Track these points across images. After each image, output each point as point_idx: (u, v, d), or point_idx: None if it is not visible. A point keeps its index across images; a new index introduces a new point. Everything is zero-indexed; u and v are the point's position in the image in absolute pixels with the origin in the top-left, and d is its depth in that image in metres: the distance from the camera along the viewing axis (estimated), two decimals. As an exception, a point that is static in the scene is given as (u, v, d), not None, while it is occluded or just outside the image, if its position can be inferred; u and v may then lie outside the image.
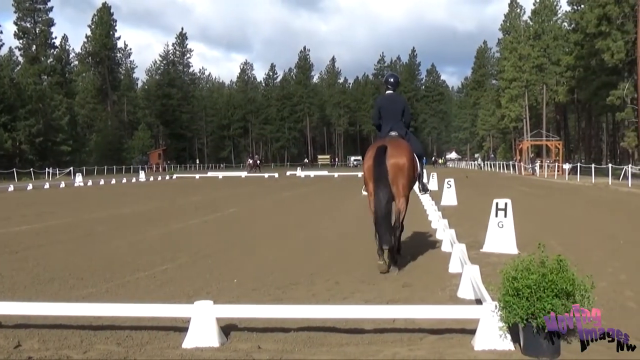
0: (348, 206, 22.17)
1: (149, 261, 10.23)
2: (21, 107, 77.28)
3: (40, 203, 26.52)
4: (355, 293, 7.65)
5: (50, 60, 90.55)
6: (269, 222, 16.61)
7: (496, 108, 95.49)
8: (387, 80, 9.88)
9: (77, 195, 33.63)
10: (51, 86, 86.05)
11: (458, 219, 16.38)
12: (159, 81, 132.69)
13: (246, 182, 49.52)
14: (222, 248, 11.79)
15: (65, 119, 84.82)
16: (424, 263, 9.80)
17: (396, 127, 9.53)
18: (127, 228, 15.66)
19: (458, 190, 23.75)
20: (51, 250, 11.74)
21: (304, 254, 10.89)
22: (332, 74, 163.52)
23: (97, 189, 41.71)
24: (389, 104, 9.72)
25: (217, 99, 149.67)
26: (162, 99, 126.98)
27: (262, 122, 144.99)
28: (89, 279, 8.78)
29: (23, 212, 21.41)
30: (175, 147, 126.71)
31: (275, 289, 7.93)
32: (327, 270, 9.23)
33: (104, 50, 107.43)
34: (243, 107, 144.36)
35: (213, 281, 8.49)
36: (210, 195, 30.71)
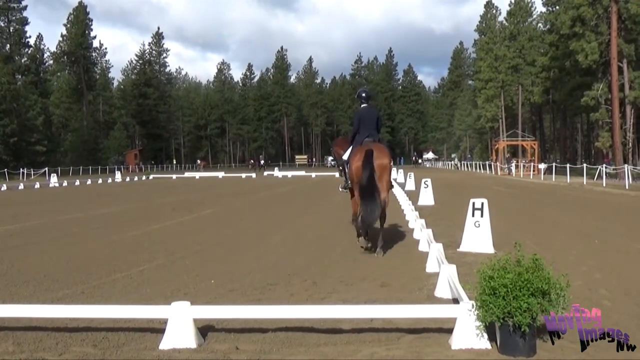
0: (326, 206, 22.18)
1: (126, 262, 10.17)
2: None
3: (14, 204, 26.24)
4: (333, 293, 7.66)
5: (25, 60, 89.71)
6: (246, 223, 16.58)
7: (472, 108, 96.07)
8: (359, 95, 11.82)
9: (52, 196, 33.30)
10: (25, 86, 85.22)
11: (435, 218, 16.46)
12: (135, 81, 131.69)
13: (223, 183, 49.37)
14: (199, 249, 11.75)
15: (40, 118, 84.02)
16: (401, 263, 9.84)
17: (372, 134, 11.34)
18: (103, 229, 15.54)
19: (435, 190, 23.87)
20: (26, 251, 11.62)
21: (282, 255, 10.88)
22: (310, 74, 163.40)
23: (72, 189, 41.34)
24: (366, 115, 11.50)
25: (194, 98, 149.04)
26: (138, 99, 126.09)
27: (239, 122, 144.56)
28: (64, 280, 8.70)
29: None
30: (151, 147, 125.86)
31: (253, 289, 7.92)
32: (305, 270, 9.24)
33: (79, 49, 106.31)
34: (220, 107, 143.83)
35: (190, 282, 8.46)
36: (187, 196, 30.58)
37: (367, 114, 11.53)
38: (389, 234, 13.39)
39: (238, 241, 12.80)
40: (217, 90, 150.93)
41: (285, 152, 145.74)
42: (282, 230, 14.74)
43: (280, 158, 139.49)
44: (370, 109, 11.74)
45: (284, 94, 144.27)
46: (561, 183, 38.12)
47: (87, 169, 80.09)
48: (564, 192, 29.73)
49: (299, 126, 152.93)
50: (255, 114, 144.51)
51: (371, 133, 11.35)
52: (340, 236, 13.02)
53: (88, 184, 49.36)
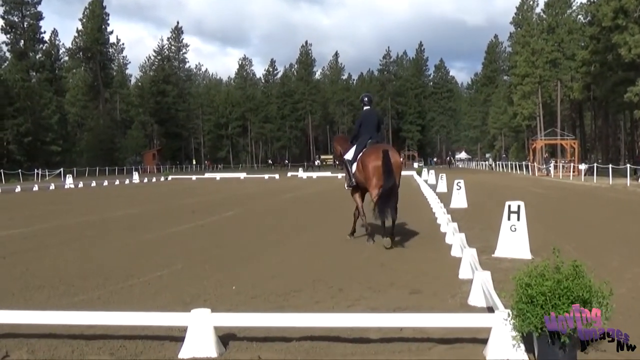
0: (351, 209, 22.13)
1: (143, 267, 10.23)
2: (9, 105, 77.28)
3: (28, 206, 26.56)
4: (360, 300, 7.64)
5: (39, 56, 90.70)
6: (268, 226, 16.60)
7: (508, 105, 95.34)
8: (362, 100, 13.67)
9: (67, 197, 33.65)
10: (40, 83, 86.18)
11: (468, 222, 16.37)
12: (153, 77, 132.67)
13: (245, 184, 49.55)
14: (219, 253, 11.78)
15: (55, 117, 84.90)
16: (432, 269, 9.79)
17: (373, 135, 13.09)
18: (120, 232, 15.66)
19: (468, 192, 23.74)
20: (40, 255, 11.75)
21: (306, 259, 10.88)
22: (335, 70, 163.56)
23: (88, 191, 41.75)
24: (368, 118, 13.33)
25: (215, 96, 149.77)
26: (156, 97, 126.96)
27: (261, 121, 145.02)
28: (80, 285, 8.78)
29: (10, 215, 21.46)
30: (170, 147, 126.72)
31: (276, 296, 7.93)
32: (330, 276, 9.23)
33: (95, 45, 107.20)
34: (242, 104, 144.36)
35: (210, 288, 8.49)
36: (207, 198, 30.74)
37: (369, 117, 13.35)
38: (419, 238, 13.36)
39: (260, 245, 12.82)
40: (239, 87, 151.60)
41: (310, 151, 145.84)
42: (306, 233, 14.74)
43: (305, 158, 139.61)
44: (372, 111, 13.58)
45: (308, 90, 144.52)
46: (603, 185, 37.70)
47: (104, 170, 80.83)
48: (606, 195, 29.40)
49: (324, 125, 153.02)
50: (279, 112, 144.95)
51: (373, 135, 13.07)
52: (365, 240, 12.98)
53: (104, 185, 49.83)
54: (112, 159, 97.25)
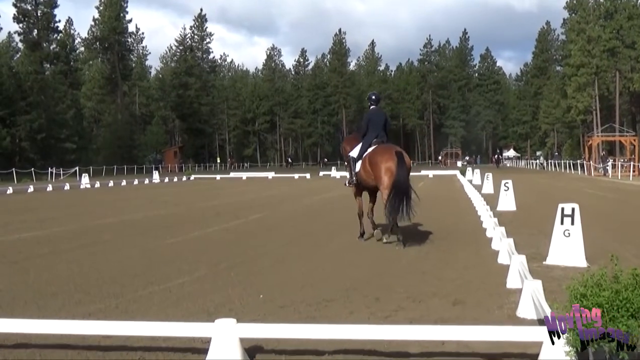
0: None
1: (164, 273, 10.32)
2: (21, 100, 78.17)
3: (42, 207, 26.89)
4: (398, 311, 7.63)
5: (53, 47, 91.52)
6: (298, 230, 16.64)
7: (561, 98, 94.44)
8: (370, 98, 14.48)
9: (83, 198, 34.03)
10: (54, 75, 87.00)
11: (517, 226, 16.25)
12: (174, 69, 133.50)
13: (273, 184, 49.69)
14: (245, 259, 11.83)
15: (70, 112, 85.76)
16: (477, 277, 9.74)
17: (381, 135, 13.97)
18: (139, 236, 15.80)
19: (517, 194, 23.57)
20: (54, 260, 11.89)
21: (339, 266, 10.89)
22: (372, 60, 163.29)
23: (105, 191, 42.18)
24: (375, 117, 14.21)
25: (241, 89, 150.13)
26: (178, 90, 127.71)
27: (291, 116, 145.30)
28: (96, 293, 8.88)
29: (23, 217, 21.72)
30: (193, 143, 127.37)
31: (307, 305, 7.94)
32: (366, 284, 9.22)
33: (113, 34, 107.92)
34: (270, 98, 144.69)
35: (236, 297, 8.53)
36: (232, 199, 30.88)
37: (376, 116, 14.24)
38: (463, 244, 13.29)
39: (290, 250, 12.85)
40: (267, 80, 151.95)
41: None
42: (340, 238, 14.74)
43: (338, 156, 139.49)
44: (379, 111, 14.56)
45: (342, 83, 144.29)
46: (666, 185, 37.19)
47: (122, 169, 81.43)
48: (670, 196, 29.00)
49: (359, 120, 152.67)
50: (310, 106, 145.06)
51: (379, 134, 13.97)
52: (405, 246, 12.95)
53: (122, 185, 50.29)
54: (130, 157, 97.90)
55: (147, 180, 57.26)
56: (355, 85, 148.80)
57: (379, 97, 14.88)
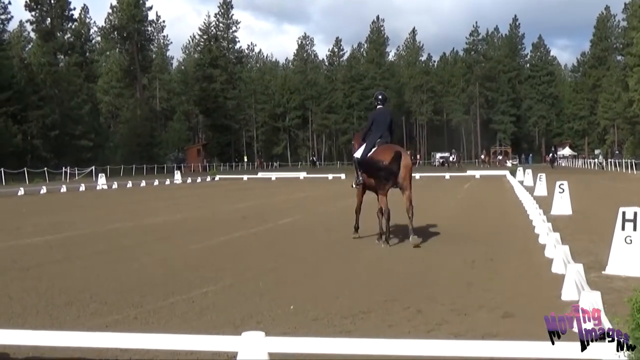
0: (433, 214, 22.03)
1: (187, 282, 10.37)
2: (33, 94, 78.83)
3: (55, 210, 27.16)
4: (442, 325, 7.60)
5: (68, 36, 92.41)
6: (332, 235, 16.62)
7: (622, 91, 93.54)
8: (376, 98, 15.51)
9: (99, 200, 34.33)
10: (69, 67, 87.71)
11: (573, 232, 16.11)
12: (198, 60, 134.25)
13: (305, 186, 49.74)
14: (275, 267, 11.86)
15: (86, 107, 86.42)
16: (529, 288, 9.67)
17: (385, 135, 14.88)
18: (161, 241, 15.91)
19: (573, 196, 23.36)
20: (69, 267, 12.01)
21: (378, 275, 10.87)
22: (413, 50, 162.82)
23: (123, 192, 42.52)
24: (380, 117, 15.15)
25: (270, 81, 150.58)
26: (202, 83, 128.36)
27: (324, 111, 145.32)
28: (114, 303, 8.95)
29: (35, 220, 21.95)
30: (218, 141, 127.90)
31: (342, 318, 7.94)
32: (406, 295, 9.20)
33: (132, 23, 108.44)
34: (301, 91, 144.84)
35: (264, 308, 8.55)
36: (260, 201, 30.96)
37: (381, 116, 15.18)
38: (513, 251, 13.21)
39: (323, 257, 12.86)
40: (298, 71, 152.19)
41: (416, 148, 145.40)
42: (378, 245, 14.71)
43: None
44: (385, 110, 15.51)
45: (380, 74, 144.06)
46: None
47: (141, 168, 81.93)
48: None
49: (399, 115, 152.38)
50: (345, 100, 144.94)
51: (383, 134, 14.87)
52: (450, 253, 12.90)
53: (142, 187, 50.67)
54: (150, 156, 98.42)
55: (168, 181, 57.67)
56: (394, 77, 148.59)
57: (386, 96, 15.92)
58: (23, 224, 20.71)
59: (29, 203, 32.14)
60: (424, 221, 19.09)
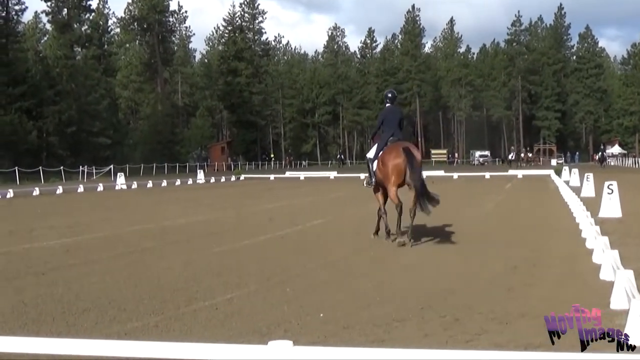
0: (471, 215, 21.95)
1: (210, 287, 10.41)
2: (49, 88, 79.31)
3: (72, 211, 27.34)
4: (481, 334, 7.57)
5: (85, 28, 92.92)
6: (364, 238, 16.60)
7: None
8: (386, 96, 16.59)
9: (118, 200, 34.53)
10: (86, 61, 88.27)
11: (622, 236, 15.98)
12: (222, 53, 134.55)
13: (336, 185, 49.74)
14: (303, 271, 11.88)
15: (104, 102, 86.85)
16: (574, 295, 9.59)
17: (395, 133, 15.76)
18: (182, 244, 15.98)
19: (623, 198, 23.15)
20: (86, 271, 12.07)
21: (412, 281, 10.85)
22: (450, 42, 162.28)
23: (143, 193, 42.77)
24: (390, 115, 16.15)
25: (298, 75, 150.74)
26: (226, 76, 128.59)
27: (356, 106, 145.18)
28: (133, 309, 9.00)
29: (51, 222, 22.13)
30: (243, 138, 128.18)
31: (374, 326, 7.93)
32: (443, 302, 9.17)
33: (152, 13, 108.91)
34: (332, 85, 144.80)
35: (292, 315, 8.57)
36: (288, 202, 30.98)
37: (391, 114, 16.18)
38: (559, 256, 13.13)
39: (355, 262, 12.86)
40: (328, 64, 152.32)
41: (418, 144, 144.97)
42: (412, 248, 14.68)
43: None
44: (395, 108, 16.63)
45: (415, 67, 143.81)
46: None
47: (162, 167, 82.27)
48: None
49: (435, 110, 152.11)
50: (378, 95, 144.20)
51: (395, 132, 15.75)
52: (489, 258, 12.85)
53: (163, 186, 50.89)
54: (172, 154, 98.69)
55: (190, 181, 57.89)
56: (431, 70, 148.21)
57: (395, 94, 17.19)
58: (38, 225, 20.86)
59: (44, 204, 32.39)
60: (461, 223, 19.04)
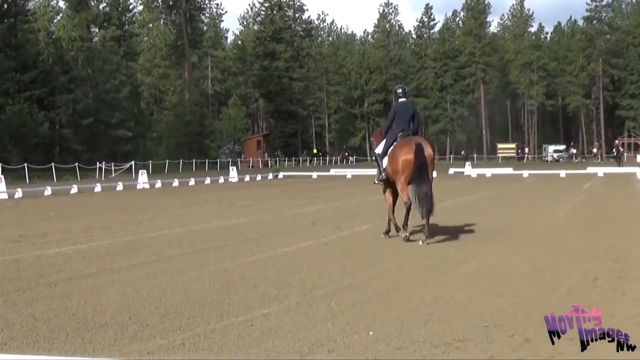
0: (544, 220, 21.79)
1: (244, 301, 10.44)
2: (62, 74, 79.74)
3: (88, 213, 27.52)
4: (555, 356, 7.48)
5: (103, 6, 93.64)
6: (419, 246, 16.55)
7: None
8: (396, 91, 18.38)
9: (140, 201, 34.73)
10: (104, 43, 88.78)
11: None
12: (258, 34, 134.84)
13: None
14: (350, 283, 11.86)
15: (124, 90, 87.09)
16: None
17: (405, 128, 17.25)
18: (213, 251, 16.03)
19: None
20: (104, 282, 12.14)
21: (475, 294, 10.79)
22: (520, 20, 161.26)
23: (169, 192, 43.03)
24: (402, 110, 17.63)
25: (345, 59, 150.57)
26: (263, 60, 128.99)
27: (412, 94, 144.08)
28: (156, 325, 9.05)
29: (64, 226, 22.28)
30: (282, 131, 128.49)
31: (432, 347, 7.92)
32: (510, 319, 9.12)
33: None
34: (383, 70, 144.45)
35: (337, 333, 8.57)
36: (332, 205, 30.94)
37: (403, 109, 17.65)
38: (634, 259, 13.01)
39: (409, 272, 12.81)
40: (379, 46, 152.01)
41: (483, 137, 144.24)
42: (475, 257, 14.61)
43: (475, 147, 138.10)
44: (407, 104, 18.13)
45: (479, 49, 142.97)
46: None
47: (189, 164, 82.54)
48: None
49: (502, 99, 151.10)
50: (436, 81, 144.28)
51: (405, 128, 17.24)
52: (565, 269, 12.75)
53: (190, 185, 51.23)
54: (200, 149, 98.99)
55: (221, 179, 58.16)
56: (497, 52, 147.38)
57: (406, 89, 18.86)
58: (50, 230, 21.00)
59: (57, 205, 32.65)
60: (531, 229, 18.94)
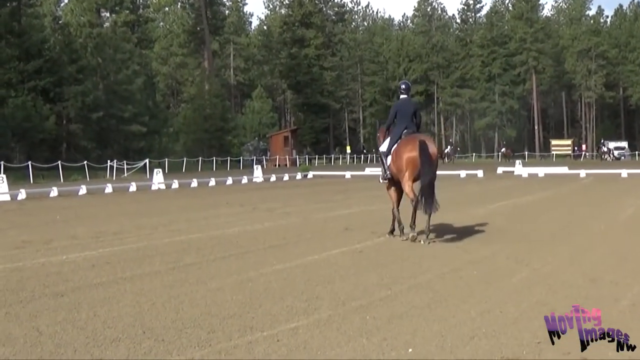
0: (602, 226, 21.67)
1: (269, 314, 10.45)
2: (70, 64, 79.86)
3: (98, 216, 27.62)
4: (616, 377, 7.45)
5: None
6: (463, 253, 16.52)
7: None
8: (400, 88, 19.73)
9: (155, 203, 34.85)
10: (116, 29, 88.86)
11: None
12: (285, 18, 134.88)
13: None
14: (387, 295, 11.84)
15: (138, 81, 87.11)
16: None
17: (409, 126, 18.64)
18: (236, 259, 16.04)
19: None
20: (115, 292, 12.17)
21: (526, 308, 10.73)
22: (576, 3, 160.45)
23: (186, 194, 43.13)
24: (404, 107, 19.06)
25: (382, 46, 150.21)
26: (291, 47, 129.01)
27: (455, 85, 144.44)
28: (173, 340, 9.07)
29: (72, 230, 22.38)
30: (311, 126, 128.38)
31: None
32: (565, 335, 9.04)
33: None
34: (424, 58, 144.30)
35: (373, 349, 8.57)
36: (366, 208, 30.88)
37: (405, 106, 19.09)
38: None
39: (452, 282, 12.79)
40: (419, 32, 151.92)
41: (535, 133, 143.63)
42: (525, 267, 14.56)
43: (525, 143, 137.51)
44: (409, 101, 19.69)
45: (531, 35, 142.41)
46: None
47: (209, 162, 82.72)
48: None
49: (557, 90, 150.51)
50: (483, 71, 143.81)
51: (408, 125, 18.64)
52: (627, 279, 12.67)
53: (210, 186, 51.30)
54: (222, 146, 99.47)
55: (245, 179, 58.30)
56: (551, 38, 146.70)
57: (409, 86, 20.04)
58: (56, 235, 21.07)
59: (64, 207, 32.79)
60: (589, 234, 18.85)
